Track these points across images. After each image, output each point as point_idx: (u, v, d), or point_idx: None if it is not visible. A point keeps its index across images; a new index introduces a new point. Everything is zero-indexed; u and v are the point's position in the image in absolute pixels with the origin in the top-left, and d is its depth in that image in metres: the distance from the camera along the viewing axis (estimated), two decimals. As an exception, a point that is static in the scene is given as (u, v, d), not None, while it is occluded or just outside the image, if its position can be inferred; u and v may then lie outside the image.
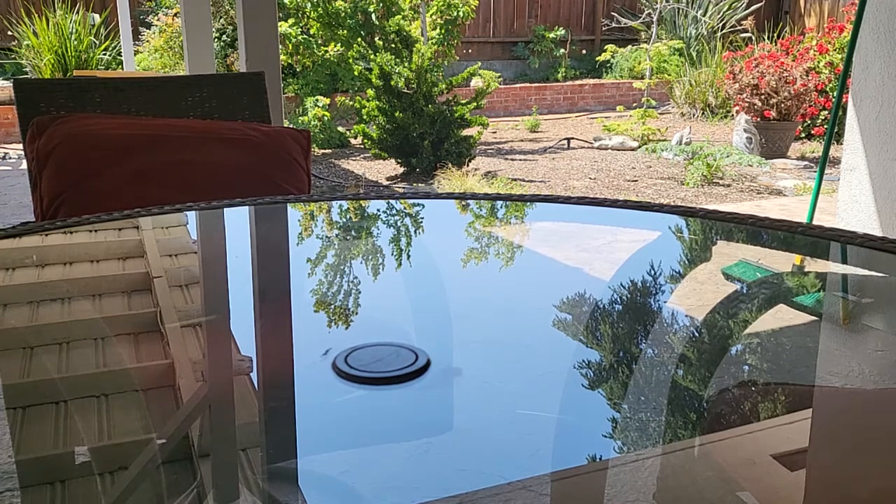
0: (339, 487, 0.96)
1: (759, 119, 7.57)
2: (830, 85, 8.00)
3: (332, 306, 1.30)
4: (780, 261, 1.50)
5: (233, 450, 1.01)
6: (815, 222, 4.06)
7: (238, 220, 1.73)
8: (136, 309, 1.49)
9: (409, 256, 1.57)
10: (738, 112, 7.87)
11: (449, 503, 0.77)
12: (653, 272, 1.37)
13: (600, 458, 0.86)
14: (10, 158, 7.56)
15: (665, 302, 1.31)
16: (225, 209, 1.66)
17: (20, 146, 2.59)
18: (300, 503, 0.92)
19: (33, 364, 1.24)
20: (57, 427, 1.09)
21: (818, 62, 8.18)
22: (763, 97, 7.52)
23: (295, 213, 1.82)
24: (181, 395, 1.10)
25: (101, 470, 1.00)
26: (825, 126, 7.90)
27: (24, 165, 2.23)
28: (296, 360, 1.10)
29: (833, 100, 7.41)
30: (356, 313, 1.28)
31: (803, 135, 8.31)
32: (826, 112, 8.05)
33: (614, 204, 1.63)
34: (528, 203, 1.82)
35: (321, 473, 0.95)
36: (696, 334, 1.20)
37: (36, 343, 1.29)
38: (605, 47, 9.70)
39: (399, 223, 1.80)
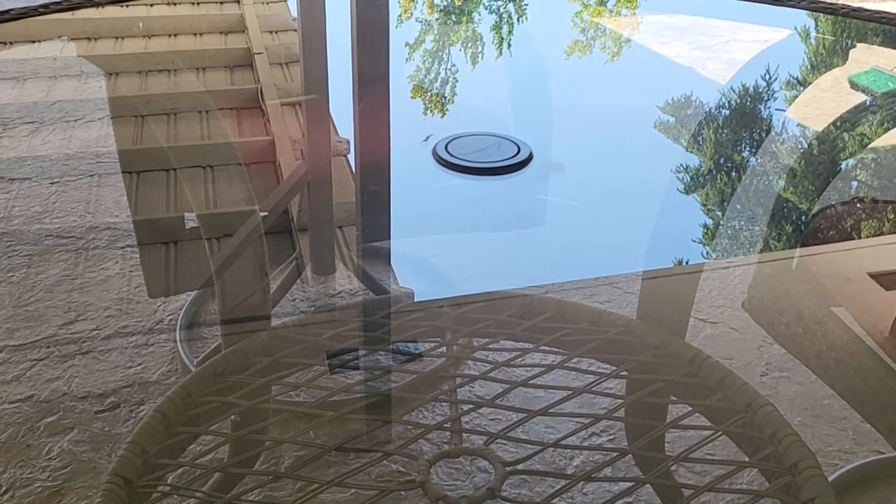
0: (430, 269, 1.00)
1: None
2: None
3: (431, 93, 1.28)
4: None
5: (330, 226, 1.06)
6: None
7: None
8: (238, 84, 1.51)
9: (510, 45, 1.51)
10: None
11: (535, 292, 0.79)
12: (768, 76, 1.29)
13: (686, 262, 0.86)
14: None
15: (778, 110, 1.24)
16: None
17: None
18: (392, 281, 0.97)
19: (144, 132, 1.29)
20: (168, 193, 1.15)
21: None
22: None
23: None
24: (281, 171, 1.14)
25: (209, 235, 1.07)
26: None
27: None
28: (393, 145, 1.11)
29: None
30: (452, 102, 1.26)
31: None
32: None
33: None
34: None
35: (413, 255, 0.99)
36: (807, 146, 1.14)
37: (146, 112, 1.34)
38: None
39: (501, 9, 1.73)
